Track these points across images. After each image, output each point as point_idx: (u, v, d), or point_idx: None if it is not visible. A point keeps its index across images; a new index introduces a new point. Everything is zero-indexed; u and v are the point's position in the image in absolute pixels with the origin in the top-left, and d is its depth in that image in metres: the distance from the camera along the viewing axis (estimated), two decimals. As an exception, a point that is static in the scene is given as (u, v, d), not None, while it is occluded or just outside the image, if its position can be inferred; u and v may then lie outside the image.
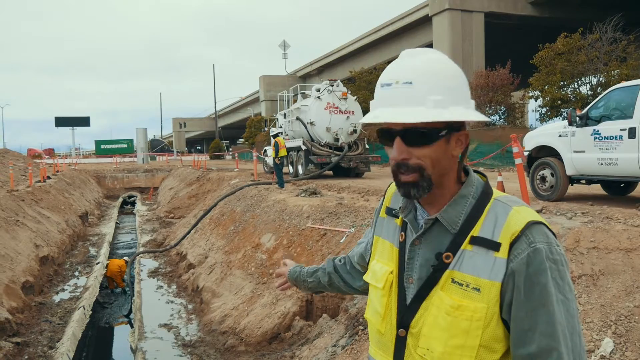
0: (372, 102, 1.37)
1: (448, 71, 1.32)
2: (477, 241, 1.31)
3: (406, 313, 1.39)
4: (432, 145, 1.30)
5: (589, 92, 21.15)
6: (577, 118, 8.26)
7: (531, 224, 1.27)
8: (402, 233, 1.47)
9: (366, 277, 1.59)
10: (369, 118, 1.33)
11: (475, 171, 1.44)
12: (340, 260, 1.93)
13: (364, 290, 1.80)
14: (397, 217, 1.51)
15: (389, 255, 1.49)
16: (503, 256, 1.27)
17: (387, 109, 1.30)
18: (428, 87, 1.27)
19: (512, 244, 1.26)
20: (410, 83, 1.27)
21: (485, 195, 1.37)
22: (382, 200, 1.65)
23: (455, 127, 1.32)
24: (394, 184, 1.59)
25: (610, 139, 7.78)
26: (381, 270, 1.50)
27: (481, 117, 1.32)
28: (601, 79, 21.07)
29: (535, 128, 13.24)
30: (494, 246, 1.28)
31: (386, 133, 1.35)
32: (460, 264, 1.31)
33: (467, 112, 1.30)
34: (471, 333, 1.27)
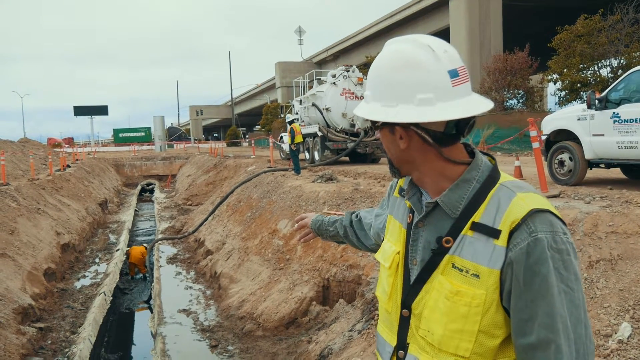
0: None
1: (380, 68, 1.34)
2: (478, 227, 1.29)
3: (409, 294, 1.40)
4: (380, 133, 1.42)
5: (610, 75, 20.78)
6: (597, 101, 8.12)
7: (534, 212, 1.24)
8: (410, 214, 1.47)
9: (377, 256, 1.61)
10: None
11: (484, 153, 1.41)
12: (356, 216, 2.01)
13: (374, 249, 1.89)
14: None
15: (398, 236, 1.50)
16: (502, 244, 1.24)
17: None
18: (367, 82, 1.41)
19: (511, 233, 1.24)
20: (366, 78, 1.40)
21: (491, 179, 1.33)
22: (397, 180, 1.65)
23: (393, 122, 1.32)
24: None
25: (631, 122, 7.64)
26: (389, 250, 1.51)
27: (380, 117, 1.32)
28: (622, 61, 20.70)
29: (554, 112, 13.08)
30: (494, 233, 1.26)
31: None
32: (461, 249, 1.30)
33: (380, 109, 1.32)
34: (470, 319, 1.27)
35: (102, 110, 65.01)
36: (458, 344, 1.29)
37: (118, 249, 13.97)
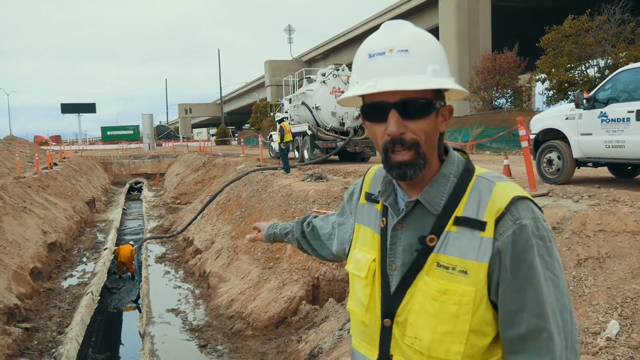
0: (355, 76, 1.31)
1: (437, 43, 1.29)
2: (462, 221, 1.26)
3: (391, 302, 1.33)
4: (427, 118, 1.24)
5: (597, 75, 20.97)
6: (584, 100, 8.19)
7: (516, 200, 1.22)
8: (384, 218, 1.40)
9: (348, 267, 1.51)
10: (361, 89, 1.23)
11: (455, 149, 1.39)
12: (308, 225, 1.97)
13: (331, 259, 1.88)
14: (378, 202, 1.45)
15: (371, 243, 1.43)
16: (489, 235, 1.22)
17: (384, 78, 1.21)
18: (426, 55, 1.23)
19: (497, 222, 1.21)
20: (407, 51, 1.21)
21: (467, 172, 1.32)
22: (359, 186, 1.60)
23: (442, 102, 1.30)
24: (372, 168, 1.57)
25: (618, 121, 7.71)
26: (363, 259, 1.42)
27: (464, 90, 1.30)
28: (609, 61, 20.88)
29: (542, 111, 13.17)
30: (480, 225, 1.23)
31: (378, 107, 1.25)
32: (446, 246, 1.26)
33: (456, 85, 1.26)
34: (460, 318, 1.22)
35: (90, 107, 64.52)
36: (448, 347, 1.24)
37: (106, 248, 13.85)
